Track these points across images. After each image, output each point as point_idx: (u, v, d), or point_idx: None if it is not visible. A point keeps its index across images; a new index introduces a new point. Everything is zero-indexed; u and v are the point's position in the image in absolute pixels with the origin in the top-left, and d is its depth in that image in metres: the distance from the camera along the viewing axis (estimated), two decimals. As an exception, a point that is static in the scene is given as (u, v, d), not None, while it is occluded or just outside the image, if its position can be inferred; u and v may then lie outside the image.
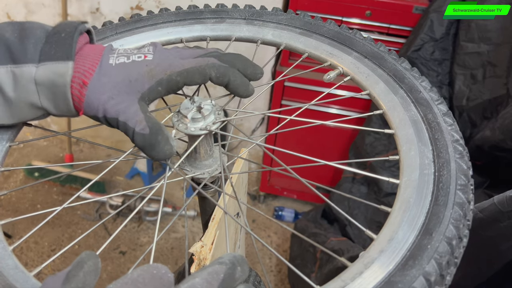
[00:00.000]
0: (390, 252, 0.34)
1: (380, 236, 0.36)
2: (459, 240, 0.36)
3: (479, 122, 1.32)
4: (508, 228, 0.70)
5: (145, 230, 2.03)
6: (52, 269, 1.80)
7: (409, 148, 0.43)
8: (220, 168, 0.51)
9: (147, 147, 0.42)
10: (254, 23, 0.61)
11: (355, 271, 0.34)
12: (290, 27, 0.60)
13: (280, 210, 2.11)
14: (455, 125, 0.45)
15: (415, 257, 0.33)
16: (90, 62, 0.43)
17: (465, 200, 0.38)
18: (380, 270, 0.33)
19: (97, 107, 0.43)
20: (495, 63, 1.31)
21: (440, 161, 0.40)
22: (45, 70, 0.41)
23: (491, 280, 0.80)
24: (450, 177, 0.39)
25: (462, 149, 0.42)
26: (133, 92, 0.43)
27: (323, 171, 1.97)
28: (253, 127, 2.03)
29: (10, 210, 2.08)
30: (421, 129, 0.44)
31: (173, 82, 0.44)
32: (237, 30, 0.61)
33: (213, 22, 0.62)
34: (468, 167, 0.41)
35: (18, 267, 0.36)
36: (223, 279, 0.28)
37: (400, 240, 0.35)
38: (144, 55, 0.45)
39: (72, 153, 2.15)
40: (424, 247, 0.34)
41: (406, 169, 0.41)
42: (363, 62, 0.53)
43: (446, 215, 0.36)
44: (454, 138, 0.43)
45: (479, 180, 1.30)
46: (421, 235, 0.35)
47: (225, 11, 0.63)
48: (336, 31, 0.58)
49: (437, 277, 0.33)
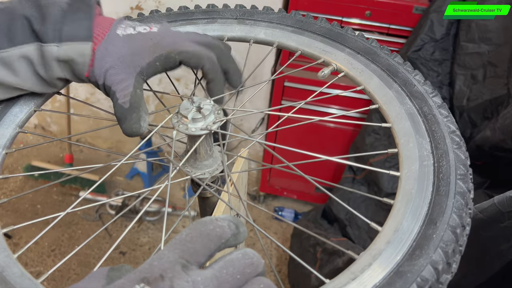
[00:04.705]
0: (397, 243, 0.35)
1: (385, 227, 0.37)
2: (463, 228, 0.36)
3: (480, 122, 1.32)
4: (508, 229, 0.70)
5: (145, 230, 2.03)
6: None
7: (407, 141, 0.43)
8: (220, 168, 0.51)
9: (120, 119, 0.46)
10: (246, 23, 0.61)
11: (364, 263, 0.34)
12: (282, 26, 0.60)
13: (280, 210, 2.11)
14: (450, 116, 0.46)
15: (422, 247, 0.34)
16: (100, 30, 0.46)
17: (465, 189, 0.38)
18: (388, 261, 0.34)
19: (99, 74, 0.46)
20: (495, 63, 1.31)
21: (439, 152, 0.41)
22: (67, 50, 0.44)
23: (491, 280, 0.80)
24: (449, 168, 0.40)
25: (459, 139, 0.43)
26: (133, 66, 0.46)
27: (323, 171, 1.97)
28: (253, 127, 2.03)
29: (10, 210, 2.08)
30: (418, 121, 0.45)
31: (171, 60, 0.47)
32: (229, 30, 0.61)
33: (205, 23, 0.62)
34: (466, 157, 0.42)
35: (25, 274, 0.36)
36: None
37: (405, 230, 0.36)
38: (150, 27, 0.48)
39: (72, 153, 2.15)
40: (429, 236, 0.35)
41: (406, 161, 0.41)
42: (356, 58, 0.54)
43: (448, 205, 0.37)
44: (451, 130, 0.43)
45: (479, 180, 1.30)
46: (426, 225, 0.36)
47: (216, 11, 0.63)
48: (327, 28, 0.58)
49: (444, 265, 0.33)
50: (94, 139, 2.43)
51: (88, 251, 1.89)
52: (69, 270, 1.79)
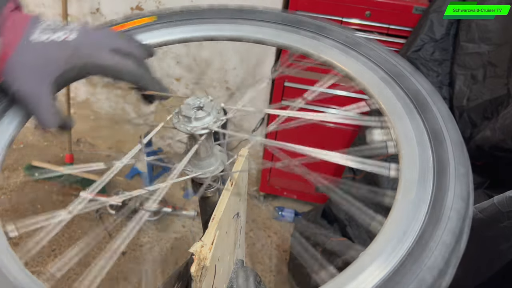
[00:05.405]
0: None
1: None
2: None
3: (480, 122, 1.32)
4: (508, 229, 0.70)
5: (145, 230, 2.03)
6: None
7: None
8: (221, 167, 0.51)
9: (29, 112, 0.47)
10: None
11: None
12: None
13: (280, 210, 2.11)
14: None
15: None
16: (13, 35, 0.44)
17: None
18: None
19: (10, 83, 0.44)
20: (495, 64, 1.31)
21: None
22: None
23: (491, 280, 0.80)
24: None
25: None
26: (45, 76, 0.44)
27: (323, 171, 1.97)
28: (253, 127, 2.03)
29: (9, 210, 2.08)
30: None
31: (87, 71, 0.46)
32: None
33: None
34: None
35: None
36: None
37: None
38: (66, 36, 0.45)
39: (72, 153, 2.15)
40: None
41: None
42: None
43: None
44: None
45: (479, 180, 1.30)
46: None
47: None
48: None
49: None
50: (94, 139, 2.43)
51: (88, 251, 1.89)
52: (69, 271, 1.79)
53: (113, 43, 0.47)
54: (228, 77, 1.87)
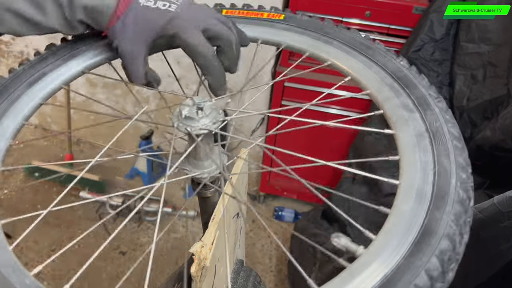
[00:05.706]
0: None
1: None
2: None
3: (480, 122, 1.32)
4: (508, 229, 0.70)
5: (145, 230, 2.03)
6: (52, 269, 1.80)
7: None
8: (220, 169, 0.51)
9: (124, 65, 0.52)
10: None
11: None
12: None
13: (280, 210, 2.11)
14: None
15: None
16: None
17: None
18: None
19: (115, 37, 0.50)
20: (495, 64, 1.31)
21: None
22: (94, 1, 0.48)
23: (491, 280, 0.80)
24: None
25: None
26: (144, 37, 0.49)
27: (323, 171, 1.97)
28: (253, 127, 2.04)
29: (10, 210, 2.08)
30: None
31: (173, 42, 0.50)
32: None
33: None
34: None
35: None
36: None
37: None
38: (169, 4, 0.49)
39: (72, 153, 2.15)
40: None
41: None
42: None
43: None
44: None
45: (479, 180, 1.30)
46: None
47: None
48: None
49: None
50: (95, 138, 2.43)
51: (88, 250, 1.89)
52: (69, 271, 1.79)
53: (207, 22, 0.50)
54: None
